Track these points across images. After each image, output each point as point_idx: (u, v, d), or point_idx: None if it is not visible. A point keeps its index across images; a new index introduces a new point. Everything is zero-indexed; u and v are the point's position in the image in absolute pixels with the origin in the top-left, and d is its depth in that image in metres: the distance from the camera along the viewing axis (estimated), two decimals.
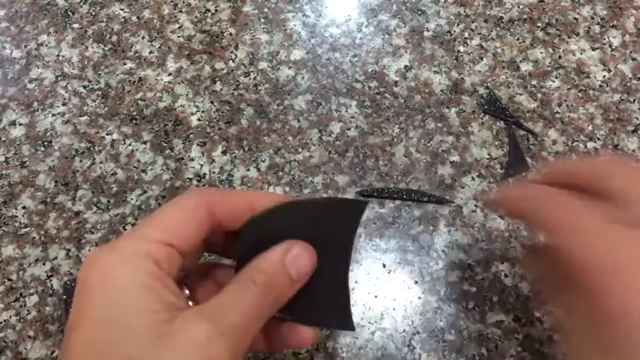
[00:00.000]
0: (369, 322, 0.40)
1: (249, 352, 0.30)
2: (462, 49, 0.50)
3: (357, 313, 0.40)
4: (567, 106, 0.47)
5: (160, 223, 0.26)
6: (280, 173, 0.45)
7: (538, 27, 0.51)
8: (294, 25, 0.52)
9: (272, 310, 0.26)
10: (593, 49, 0.50)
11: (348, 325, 0.30)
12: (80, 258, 0.42)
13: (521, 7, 0.52)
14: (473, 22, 0.52)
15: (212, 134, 0.47)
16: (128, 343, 0.22)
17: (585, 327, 0.25)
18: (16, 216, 0.44)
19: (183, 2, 0.53)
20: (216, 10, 0.53)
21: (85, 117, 0.48)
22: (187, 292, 0.28)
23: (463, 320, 0.40)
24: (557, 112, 0.47)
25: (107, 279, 0.23)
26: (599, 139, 0.46)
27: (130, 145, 0.46)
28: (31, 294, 0.41)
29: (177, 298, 0.24)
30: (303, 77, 0.49)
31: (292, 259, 0.27)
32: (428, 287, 0.41)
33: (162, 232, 0.25)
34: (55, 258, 0.42)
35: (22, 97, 0.49)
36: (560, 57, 0.50)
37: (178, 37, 0.51)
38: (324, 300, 0.29)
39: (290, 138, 0.46)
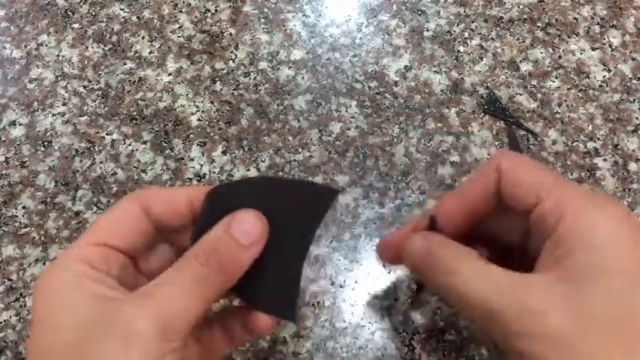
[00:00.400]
0: (369, 322, 0.40)
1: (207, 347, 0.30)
2: (462, 49, 0.50)
3: (357, 313, 0.40)
4: (567, 106, 0.47)
5: (94, 228, 0.27)
6: (280, 173, 0.45)
7: (538, 27, 0.51)
8: (294, 25, 0.52)
9: (221, 286, 0.26)
10: (593, 49, 0.50)
11: (289, 314, 0.29)
12: None
13: (521, 7, 0.52)
14: (473, 22, 0.52)
15: (212, 134, 0.47)
16: (64, 339, 0.23)
17: None
18: (16, 216, 0.44)
19: (183, 2, 0.53)
20: (216, 10, 0.53)
21: (85, 117, 0.48)
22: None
23: (463, 320, 0.40)
24: (557, 112, 0.47)
25: (45, 287, 0.25)
26: (599, 139, 0.46)
27: (130, 145, 0.46)
28: (31, 294, 0.41)
29: (115, 291, 0.25)
30: (303, 77, 0.49)
31: (238, 227, 0.26)
32: (428, 287, 0.41)
33: (94, 236, 0.27)
34: (55, 258, 0.42)
35: (22, 97, 0.49)
36: (560, 57, 0.50)
37: (178, 37, 0.51)
38: (272, 284, 0.28)
39: (290, 138, 0.46)
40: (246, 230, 0.26)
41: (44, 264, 0.42)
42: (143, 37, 0.52)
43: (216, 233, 0.26)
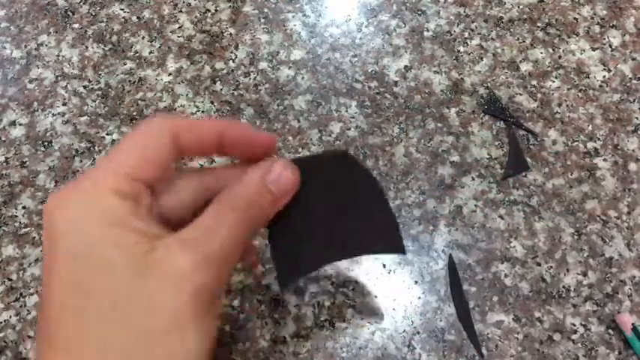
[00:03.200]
0: (369, 322, 0.40)
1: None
2: (462, 49, 0.50)
3: (357, 313, 0.40)
4: (567, 106, 0.47)
5: (121, 154, 0.25)
6: None
7: (538, 27, 0.51)
8: (294, 25, 0.52)
9: (254, 232, 0.26)
10: (593, 49, 0.50)
11: (399, 246, 0.31)
12: None
13: (521, 7, 0.52)
14: (473, 22, 0.52)
15: None
16: (109, 277, 0.22)
17: None
18: (16, 216, 0.44)
19: (183, 2, 0.53)
20: (216, 10, 0.53)
21: (85, 117, 0.48)
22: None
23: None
24: (557, 112, 0.47)
25: (75, 217, 0.23)
26: (599, 139, 0.46)
27: None
28: (31, 294, 0.41)
29: (152, 228, 0.24)
30: (303, 77, 0.49)
31: (274, 178, 0.26)
32: (428, 287, 0.41)
33: (124, 163, 0.24)
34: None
35: (22, 97, 0.49)
36: (560, 57, 0.50)
37: (178, 37, 0.51)
38: (374, 226, 0.30)
39: (290, 138, 0.46)
40: (283, 183, 0.26)
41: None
42: (143, 37, 0.52)
43: (254, 184, 0.26)
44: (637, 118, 0.47)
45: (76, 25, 0.53)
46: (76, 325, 0.22)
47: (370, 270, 0.41)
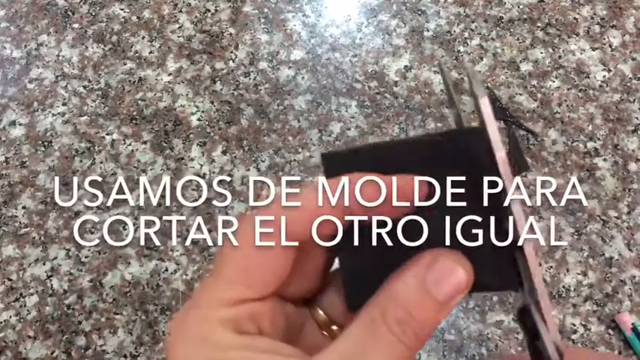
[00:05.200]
0: None
1: None
2: (462, 49, 0.50)
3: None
4: (567, 106, 0.47)
5: (234, 273, 0.21)
6: (280, 173, 0.45)
7: (538, 27, 0.51)
8: (294, 25, 0.52)
9: (417, 349, 0.20)
10: (593, 49, 0.50)
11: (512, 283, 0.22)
12: (80, 258, 0.42)
13: (521, 7, 0.52)
14: (473, 22, 0.52)
15: (212, 134, 0.47)
16: None
17: None
18: (16, 216, 0.44)
19: (183, 2, 0.53)
20: (216, 10, 0.53)
21: (85, 117, 0.48)
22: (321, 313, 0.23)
23: (463, 320, 0.40)
24: (557, 112, 0.47)
25: (186, 357, 0.20)
26: (599, 139, 0.46)
27: (130, 145, 0.46)
28: (31, 294, 0.41)
29: (281, 348, 0.20)
30: (303, 77, 0.49)
31: (437, 279, 0.20)
32: None
33: (238, 288, 0.20)
34: (55, 258, 0.42)
35: (22, 97, 0.49)
36: (560, 57, 0.50)
37: (178, 37, 0.51)
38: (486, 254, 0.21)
39: (290, 138, 0.46)
40: (451, 286, 0.20)
41: (44, 264, 0.42)
42: (143, 37, 0.52)
43: (410, 289, 0.20)
44: (637, 118, 0.47)
45: (76, 25, 0.53)
46: None
47: None
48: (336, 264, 0.23)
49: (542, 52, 0.50)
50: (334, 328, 0.23)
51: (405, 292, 0.20)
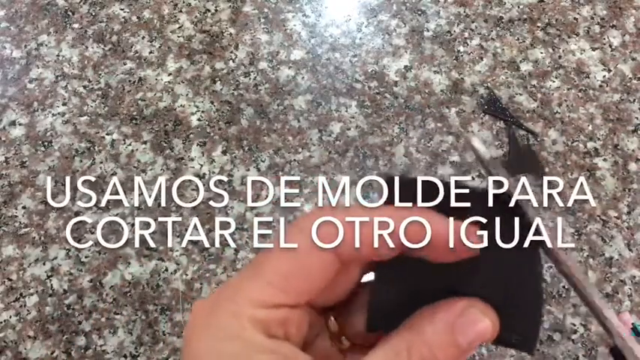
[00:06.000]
0: None
1: None
2: (462, 49, 0.50)
3: None
4: (567, 106, 0.47)
5: (272, 276, 0.21)
6: (280, 173, 0.45)
7: (538, 27, 0.51)
8: (294, 25, 0.52)
9: None
10: (593, 49, 0.50)
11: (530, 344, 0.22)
12: (80, 258, 0.42)
13: (521, 7, 0.52)
14: (473, 22, 0.52)
15: (212, 134, 0.47)
16: None
17: None
18: (16, 216, 0.44)
19: (183, 2, 0.53)
20: (216, 10, 0.53)
21: (85, 117, 0.48)
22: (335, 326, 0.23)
23: None
24: (557, 112, 0.47)
25: (211, 349, 0.20)
26: (599, 139, 0.46)
27: (130, 145, 0.46)
28: (31, 294, 0.41)
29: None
30: (303, 77, 0.49)
31: (464, 327, 0.20)
32: None
33: (273, 292, 0.21)
34: (55, 258, 0.42)
35: (22, 97, 0.49)
36: (560, 57, 0.50)
37: (178, 37, 0.51)
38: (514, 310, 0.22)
39: (290, 138, 0.46)
40: (476, 334, 0.21)
41: (44, 264, 0.42)
42: (143, 37, 0.52)
43: (438, 332, 0.20)
44: (637, 118, 0.47)
45: (76, 25, 0.53)
46: None
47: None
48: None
49: (542, 52, 0.50)
50: (344, 340, 0.23)
51: (433, 334, 0.20)
